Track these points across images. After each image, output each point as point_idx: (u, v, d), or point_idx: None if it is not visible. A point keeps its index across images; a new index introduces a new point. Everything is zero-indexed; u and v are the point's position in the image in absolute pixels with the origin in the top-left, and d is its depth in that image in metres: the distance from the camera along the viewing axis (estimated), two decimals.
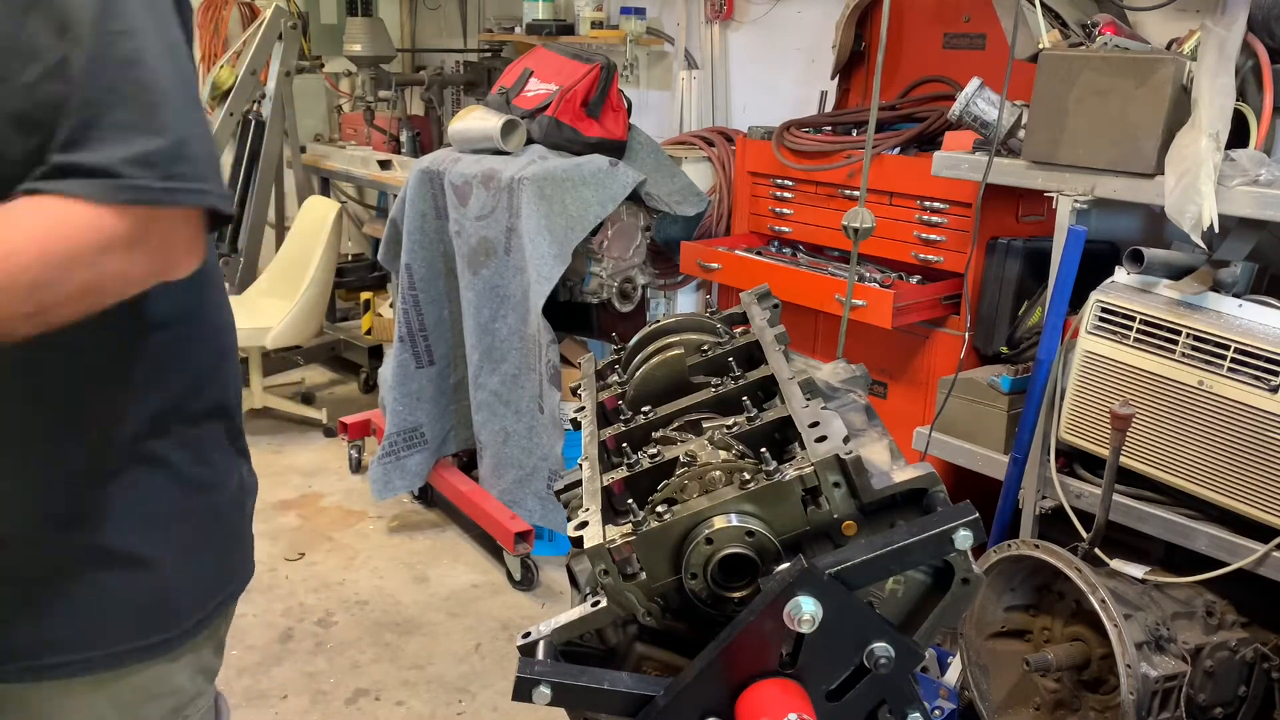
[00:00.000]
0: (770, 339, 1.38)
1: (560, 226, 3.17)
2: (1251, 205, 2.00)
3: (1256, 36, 2.08)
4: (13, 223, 0.90)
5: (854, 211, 2.43)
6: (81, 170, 0.91)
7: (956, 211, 2.80)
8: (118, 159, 0.92)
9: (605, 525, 1.12)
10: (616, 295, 3.43)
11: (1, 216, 0.90)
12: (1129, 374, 2.15)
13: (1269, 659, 2.10)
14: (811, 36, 3.66)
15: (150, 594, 1.11)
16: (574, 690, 1.05)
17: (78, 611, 1.08)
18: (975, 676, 2.31)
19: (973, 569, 1.05)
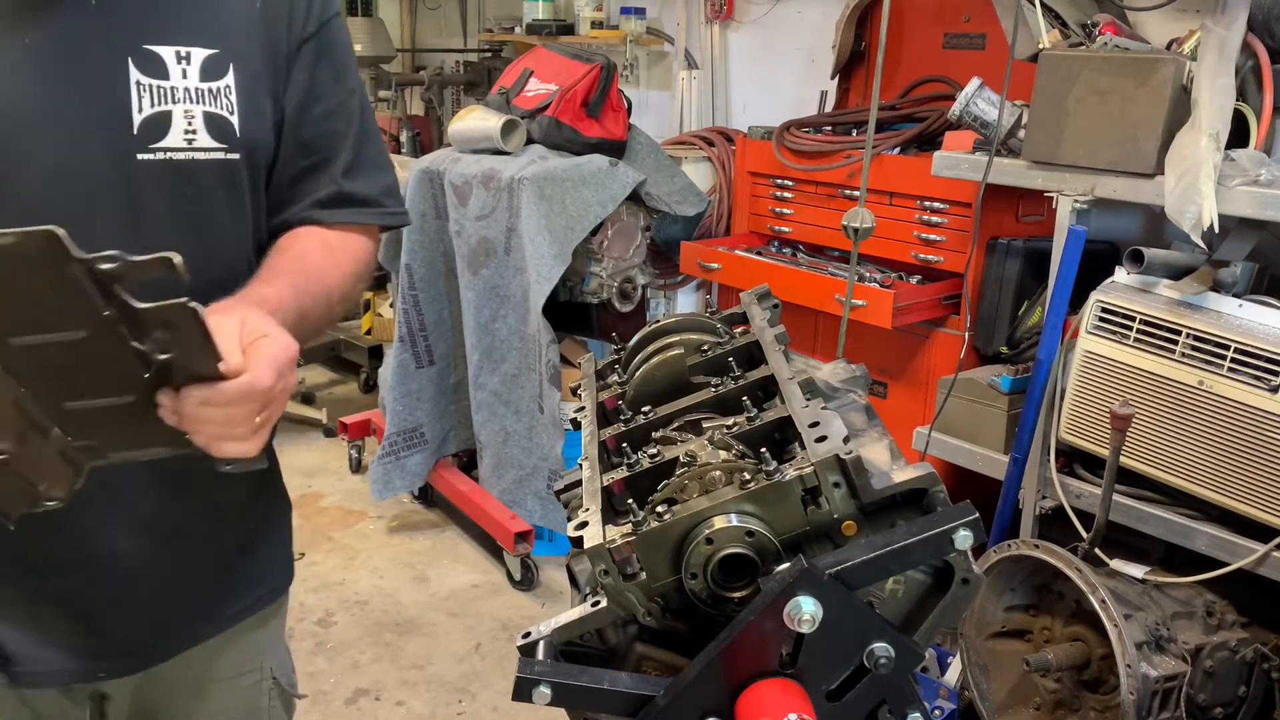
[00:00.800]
0: (770, 339, 1.38)
1: (560, 226, 3.17)
2: (1251, 205, 2.00)
3: (1256, 36, 2.08)
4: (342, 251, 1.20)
5: (854, 211, 2.43)
6: (356, 200, 1.21)
7: (956, 211, 2.80)
8: (377, 190, 1.23)
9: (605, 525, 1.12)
10: (616, 295, 3.43)
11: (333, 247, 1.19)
12: (1129, 374, 2.15)
13: (1269, 659, 2.10)
14: (811, 36, 3.66)
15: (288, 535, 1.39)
16: (574, 690, 1.05)
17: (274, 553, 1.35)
18: (975, 676, 2.31)
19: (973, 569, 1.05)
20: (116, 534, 1.15)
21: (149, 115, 1.08)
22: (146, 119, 1.08)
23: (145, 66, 1.08)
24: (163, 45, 1.08)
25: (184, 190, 1.11)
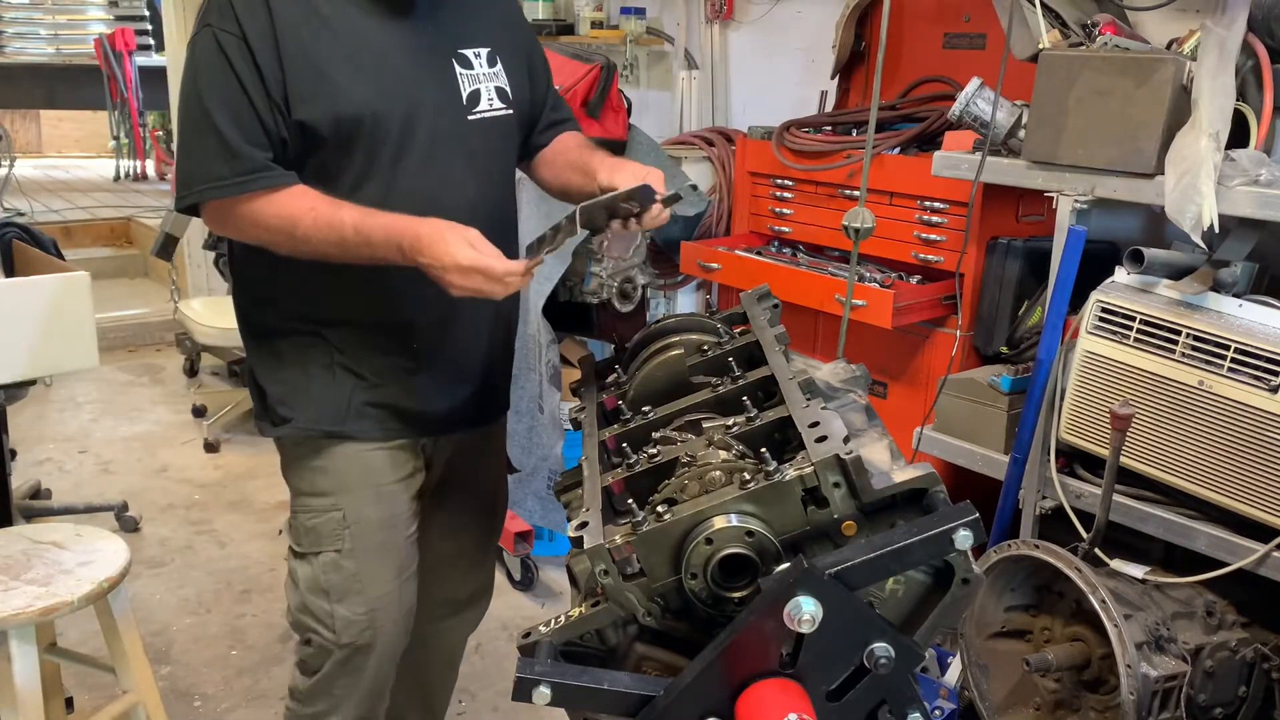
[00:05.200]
0: (770, 339, 1.38)
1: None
2: (1251, 205, 2.00)
3: (1256, 36, 2.08)
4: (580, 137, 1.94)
5: (854, 211, 2.43)
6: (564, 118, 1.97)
7: (956, 211, 2.79)
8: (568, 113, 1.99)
9: (605, 525, 1.12)
10: (616, 295, 3.43)
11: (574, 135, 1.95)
12: (1129, 374, 2.15)
13: (1269, 659, 2.10)
14: (811, 36, 3.66)
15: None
16: (574, 690, 1.05)
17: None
18: (975, 676, 2.31)
19: (973, 569, 1.05)
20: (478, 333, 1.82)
21: (470, 92, 1.73)
22: (469, 94, 1.73)
23: (462, 63, 1.73)
24: (466, 48, 1.74)
25: (492, 136, 1.77)
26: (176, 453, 4.45)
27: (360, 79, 1.62)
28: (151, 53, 8.98)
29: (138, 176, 9.08)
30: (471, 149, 1.74)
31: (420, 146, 1.67)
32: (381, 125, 1.63)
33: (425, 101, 1.67)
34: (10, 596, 1.94)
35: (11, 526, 2.34)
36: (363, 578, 1.76)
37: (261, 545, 3.62)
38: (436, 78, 1.69)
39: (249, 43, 1.55)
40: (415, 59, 1.68)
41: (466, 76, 1.72)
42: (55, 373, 3.32)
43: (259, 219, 1.59)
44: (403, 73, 1.66)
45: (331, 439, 1.75)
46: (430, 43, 1.69)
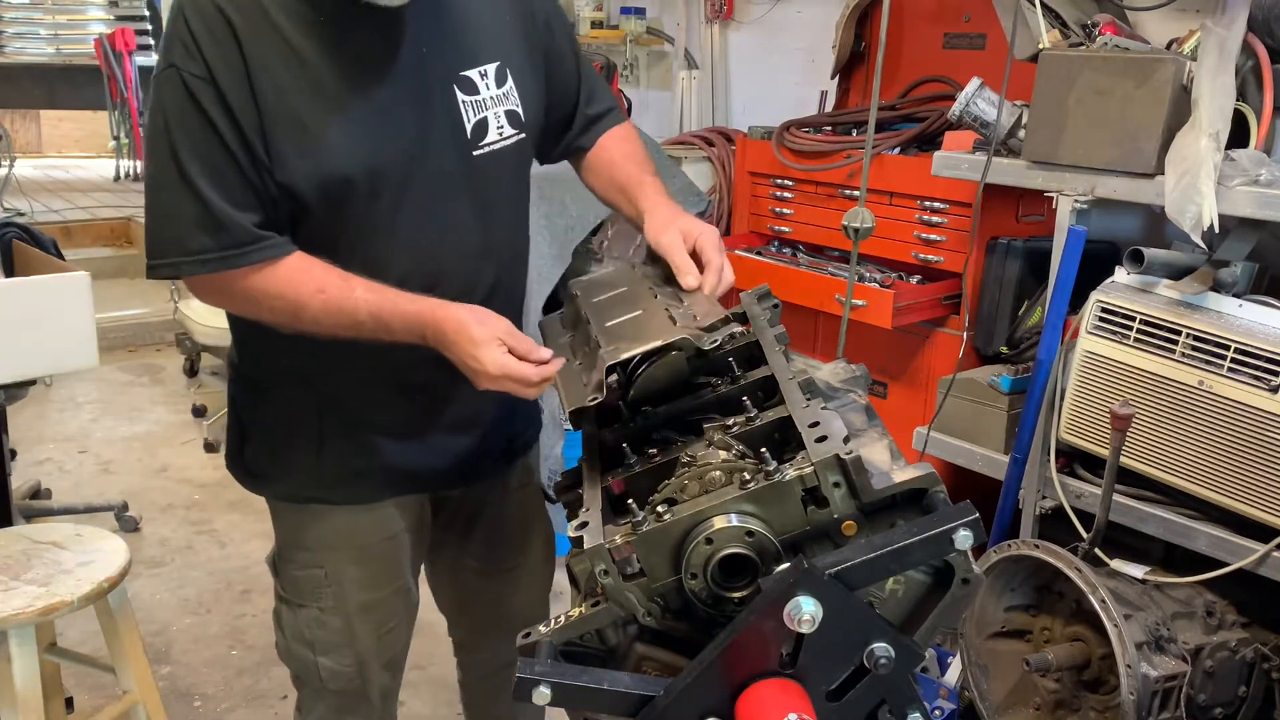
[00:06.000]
0: (770, 339, 1.38)
1: (560, 226, 3.17)
2: (1251, 205, 2.00)
3: (1256, 36, 2.08)
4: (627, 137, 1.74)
5: (854, 211, 2.43)
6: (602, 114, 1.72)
7: (956, 211, 2.80)
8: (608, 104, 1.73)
9: (605, 525, 1.12)
10: None
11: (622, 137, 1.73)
12: (1129, 374, 2.15)
13: (1269, 659, 2.10)
14: (811, 36, 3.66)
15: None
16: (574, 690, 1.05)
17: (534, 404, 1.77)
18: (975, 676, 2.31)
19: (973, 569, 1.05)
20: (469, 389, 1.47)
21: (475, 123, 1.50)
22: (474, 126, 1.50)
23: (465, 88, 1.49)
24: (470, 69, 1.49)
25: (503, 170, 1.55)
26: (176, 453, 4.45)
27: (348, 132, 1.39)
28: (151, 53, 8.98)
29: (138, 177, 9.08)
30: (478, 186, 1.52)
31: (420, 194, 1.46)
32: (378, 182, 1.42)
33: (426, 145, 1.45)
34: (10, 596, 1.94)
35: (11, 526, 2.34)
36: (344, 634, 1.65)
37: (261, 545, 3.61)
38: (437, 112, 1.46)
39: (219, 86, 1.33)
40: (411, 91, 1.43)
41: (471, 104, 1.48)
42: (55, 373, 3.32)
43: (254, 297, 1.41)
44: (397, 114, 1.42)
45: (313, 503, 1.61)
46: (428, 69, 1.45)
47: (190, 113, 1.33)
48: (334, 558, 1.62)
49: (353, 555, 1.62)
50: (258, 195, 1.38)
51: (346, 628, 1.65)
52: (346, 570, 1.62)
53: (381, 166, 1.42)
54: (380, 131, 1.42)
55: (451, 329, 1.36)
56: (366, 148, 1.40)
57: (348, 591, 1.63)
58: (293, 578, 1.66)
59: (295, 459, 1.59)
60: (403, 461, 1.60)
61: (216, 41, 1.33)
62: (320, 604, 1.64)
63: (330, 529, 1.61)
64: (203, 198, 1.34)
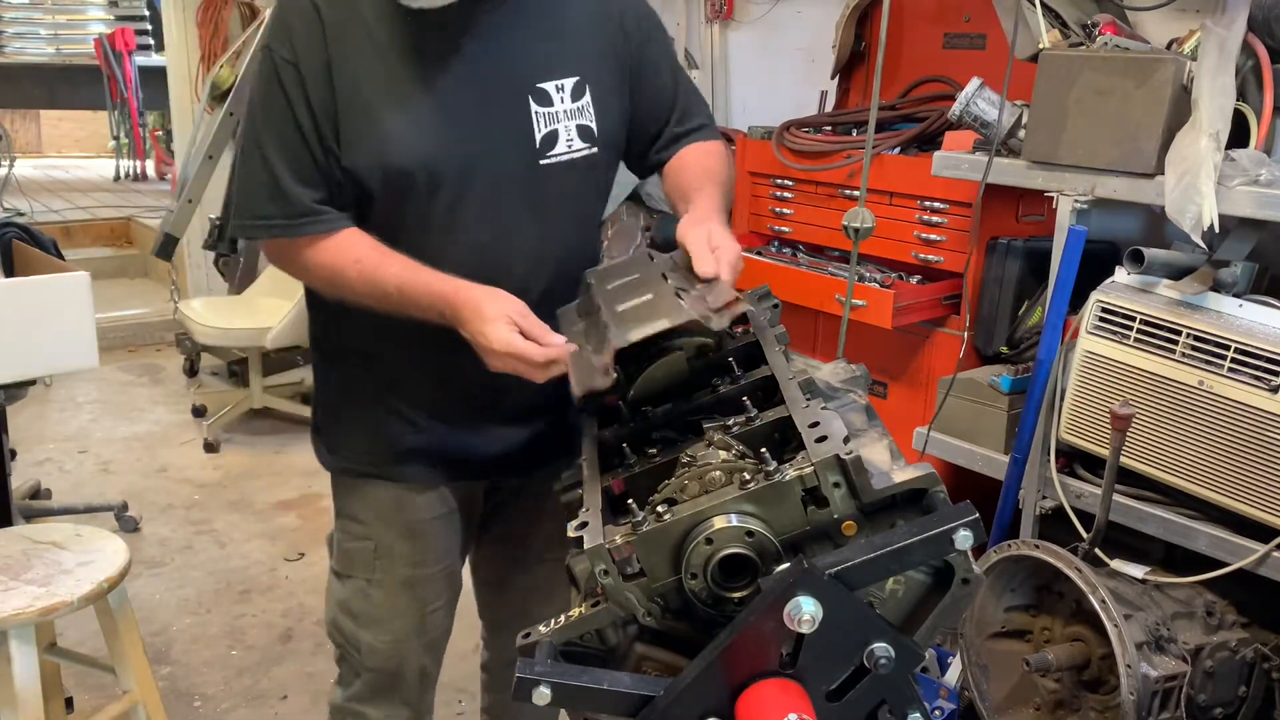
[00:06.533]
0: (770, 339, 1.38)
1: None
2: (1251, 205, 2.00)
3: (1256, 36, 2.08)
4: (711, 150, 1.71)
5: (854, 211, 2.43)
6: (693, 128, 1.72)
7: (956, 211, 2.79)
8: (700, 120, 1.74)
9: (605, 525, 1.12)
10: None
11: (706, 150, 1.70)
12: (1129, 374, 2.15)
13: (1269, 659, 2.10)
14: (811, 36, 3.66)
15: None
16: (574, 690, 1.05)
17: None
18: (975, 676, 2.31)
19: (973, 569, 1.05)
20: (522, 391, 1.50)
21: (544, 134, 1.53)
22: (544, 136, 1.53)
23: (539, 99, 1.52)
24: (547, 82, 1.53)
25: (568, 181, 1.57)
26: (176, 453, 4.45)
27: (414, 126, 1.47)
28: (151, 53, 8.99)
29: (138, 176, 9.08)
30: (541, 196, 1.55)
31: (479, 195, 1.52)
32: (436, 179, 1.49)
33: (489, 149, 1.50)
34: (10, 596, 1.94)
35: (11, 526, 2.34)
36: (387, 609, 1.71)
37: (261, 545, 3.62)
38: (506, 119, 1.51)
39: (301, 70, 1.44)
40: (483, 96, 1.49)
41: (543, 115, 1.52)
42: (55, 373, 3.32)
43: (305, 265, 1.52)
44: (464, 116, 1.49)
45: (368, 478, 1.69)
46: (503, 76, 1.50)
47: (274, 92, 1.46)
48: (384, 532, 1.68)
49: (401, 531, 1.68)
50: (325, 176, 1.48)
51: (389, 602, 1.70)
52: (395, 545, 1.68)
53: (440, 164, 1.48)
54: (443, 131, 1.48)
55: (465, 306, 1.41)
56: (428, 145, 1.47)
57: (394, 566, 1.69)
58: (345, 550, 1.72)
59: (355, 434, 1.67)
60: (455, 448, 1.65)
61: (307, 29, 1.45)
62: (368, 576, 1.70)
63: (382, 503, 1.67)
64: (273, 170, 1.47)
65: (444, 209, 1.51)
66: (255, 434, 4.64)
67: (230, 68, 4.86)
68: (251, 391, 4.65)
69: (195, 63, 5.74)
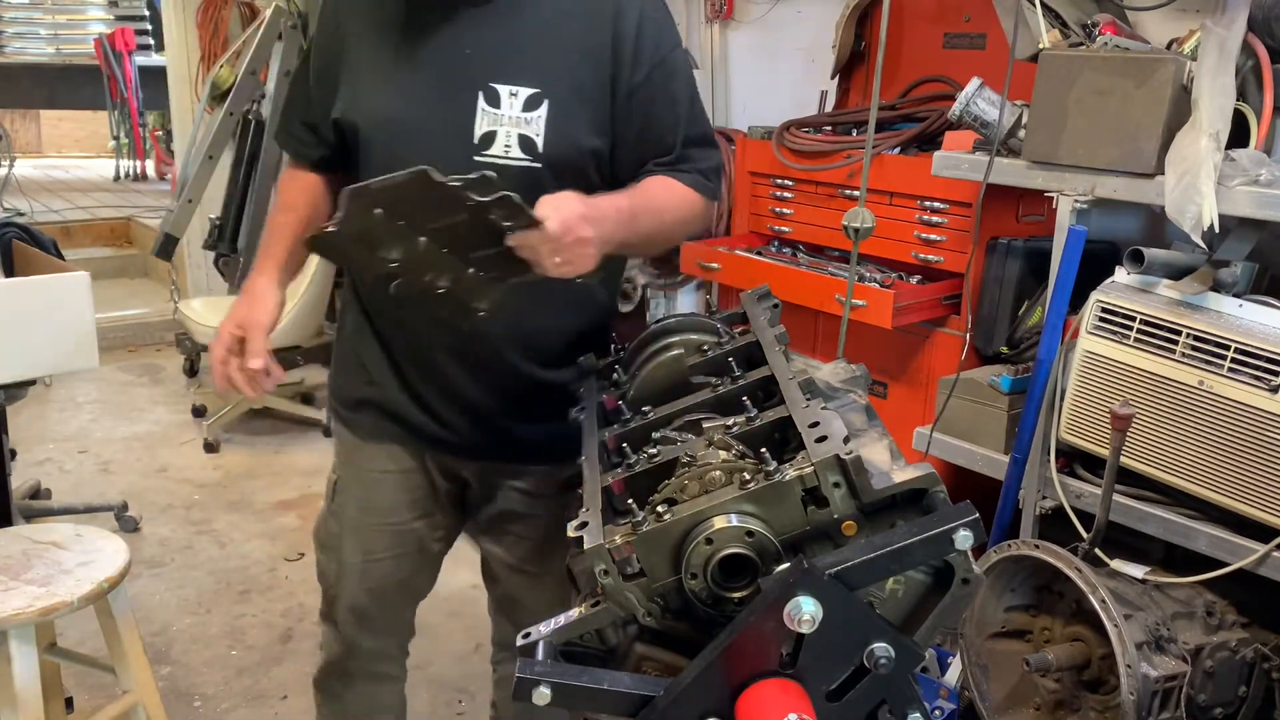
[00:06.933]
0: (770, 339, 1.38)
1: None
2: (1251, 205, 2.00)
3: (1256, 36, 2.08)
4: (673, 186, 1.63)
5: (854, 211, 2.43)
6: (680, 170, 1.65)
7: (956, 211, 2.80)
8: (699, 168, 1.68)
9: (605, 525, 1.12)
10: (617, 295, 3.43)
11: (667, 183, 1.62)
12: (1129, 374, 2.15)
13: (1269, 659, 2.10)
14: (811, 36, 3.66)
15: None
16: (574, 690, 1.05)
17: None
18: (975, 676, 2.31)
19: (973, 569, 1.05)
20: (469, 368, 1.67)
21: (484, 132, 1.56)
22: (482, 134, 1.56)
23: (489, 97, 1.55)
24: (502, 84, 1.55)
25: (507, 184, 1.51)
26: (176, 453, 4.45)
27: (380, 96, 1.60)
28: (151, 53, 8.99)
29: (138, 176, 9.08)
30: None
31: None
32: (388, 148, 1.58)
33: (434, 130, 1.58)
34: (10, 596, 1.94)
35: (11, 526, 2.34)
36: (337, 541, 1.86)
37: (261, 545, 3.62)
38: (453, 108, 1.57)
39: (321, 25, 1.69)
40: (439, 80, 1.58)
41: (488, 114, 1.56)
42: (55, 373, 3.32)
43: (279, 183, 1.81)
44: (419, 96, 1.59)
45: (337, 421, 1.86)
46: (460, 67, 1.57)
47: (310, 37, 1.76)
48: (345, 471, 1.85)
49: (355, 475, 1.83)
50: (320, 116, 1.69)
51: (339, 536, 1.85)
52: (350, 486, 1.84)
53: (391, 136, 1.60)
54: (396, 104, 1.60)
55: (248, 284, 1.66)
56: (382, 113, 1.61)
57: (347, 505, 1.84)
58: (329, 481, 1.89)
59: (336, 377, 1.85)
60: (398, 410, 1.75)
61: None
62: (331, 507, 1.87)
63: (343, 445, 1.85)
64: (292, 97, 1.77)
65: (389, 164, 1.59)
66: (255, 434, 4.64)
67: (230, 68, 4.86)
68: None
69: (195, 63, 5.74)
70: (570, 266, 1.42)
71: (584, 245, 1.42)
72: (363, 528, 1.84)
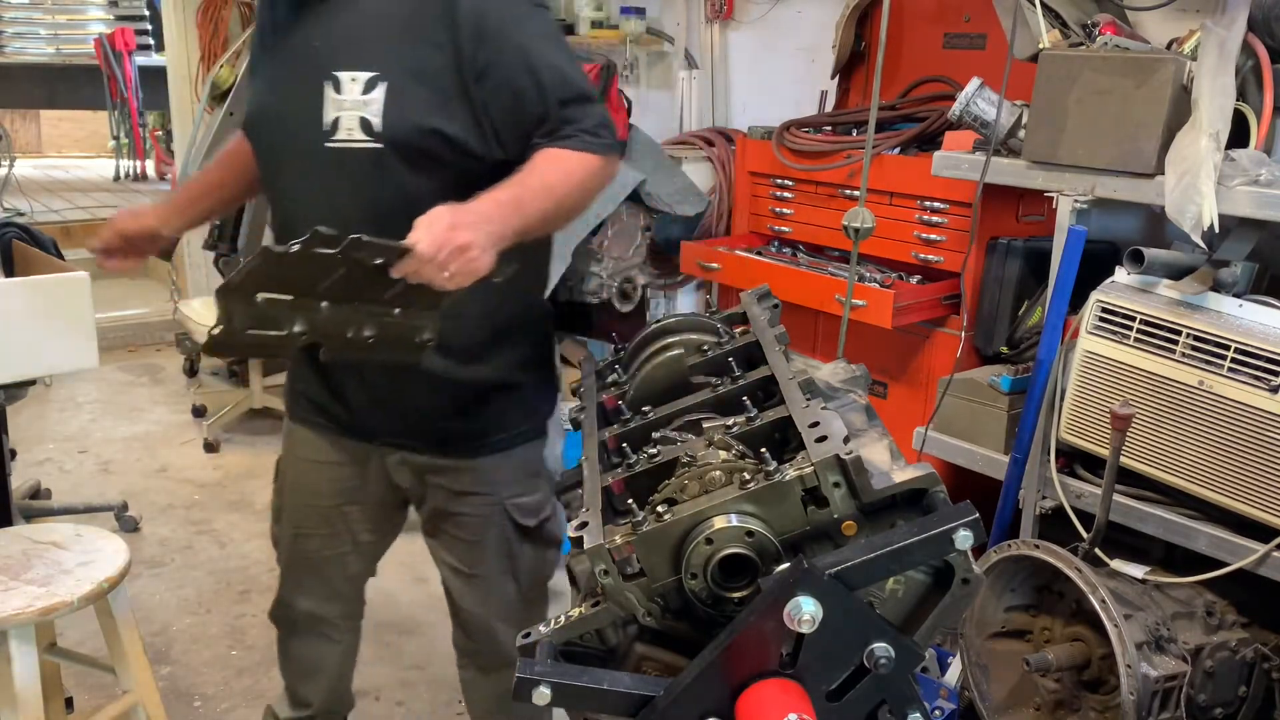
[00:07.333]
0: (770, 339, 1.38)
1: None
2: (1251, 205, 2.00)
3: (1256, 36, 2.08)
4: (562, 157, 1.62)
5: (854, 211, 2.43)
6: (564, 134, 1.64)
7: (956, 211, 2.80)
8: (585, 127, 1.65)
9: (605, 525, 1.12)
10: (616, 295, 3.43)
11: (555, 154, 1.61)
12: (1129, 374, 2.15)
13: (1269, 659, 2.10)
14: (811, 36, 3.66)
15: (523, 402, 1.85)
16: (574, 690, 1.05)
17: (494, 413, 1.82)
18: (975, 676, 2.31)
19: (973, 569, 1.05)
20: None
21: (331, 119, 1.63)
22: (330, 121, 1.63)
23: (335, 86, 1.63)
24: (343, 71, 1.63)
25: (356, 169, 1.65)
26: (176, 453, 4.45)
27: (255, 89, 1.81)
28: (151, 53, 8.98)
29: (138, 176, 9.08)
30: (328, 177, 1.66)
31: (282, 162, 1.74)
32: (259, 140, 1.77)
33: (292, 122, 1.68)
34: (10, 596, 1.94)
35: (11, 526, 2.34)
36: (279, 514, 2.03)
37: (261, 545, 3.61)
38: (306, 98, 1.65)
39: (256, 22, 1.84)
40: (299, 74, 1.67)
41: (333, 101, 1.62)
42: (55, 373, 3.32)
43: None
44: (279, 90, 1.73)
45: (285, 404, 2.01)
46: (314, 59, 1.66)
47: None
48: (284, 451, 2.01)
49: (289, 455, 1.99)
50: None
51: (280, 508, 2.02)
52: (287, 464, 2.00)
53: (260, 128, 1.78)
54: (264, 99, 1.78)
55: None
56: (254, 108, 1.80)
57: (285, 480, 2.00)
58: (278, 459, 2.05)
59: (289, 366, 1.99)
60: (319, 397, 1.87)
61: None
62: (275, 483, 2.04)
63: (286, 429, 2.00)
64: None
65: (264, 167, 1.80)
66: (255, 434, 4.64)
67: (230, 68, 4.85)
68: (251, 391, 4.65)
69: (195, 63, 5.73)
70: (462, 275, 1.46)
71: (465, 252, 1.45)
72: (294, 505, 1.99)
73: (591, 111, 1.67)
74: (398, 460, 1.86)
